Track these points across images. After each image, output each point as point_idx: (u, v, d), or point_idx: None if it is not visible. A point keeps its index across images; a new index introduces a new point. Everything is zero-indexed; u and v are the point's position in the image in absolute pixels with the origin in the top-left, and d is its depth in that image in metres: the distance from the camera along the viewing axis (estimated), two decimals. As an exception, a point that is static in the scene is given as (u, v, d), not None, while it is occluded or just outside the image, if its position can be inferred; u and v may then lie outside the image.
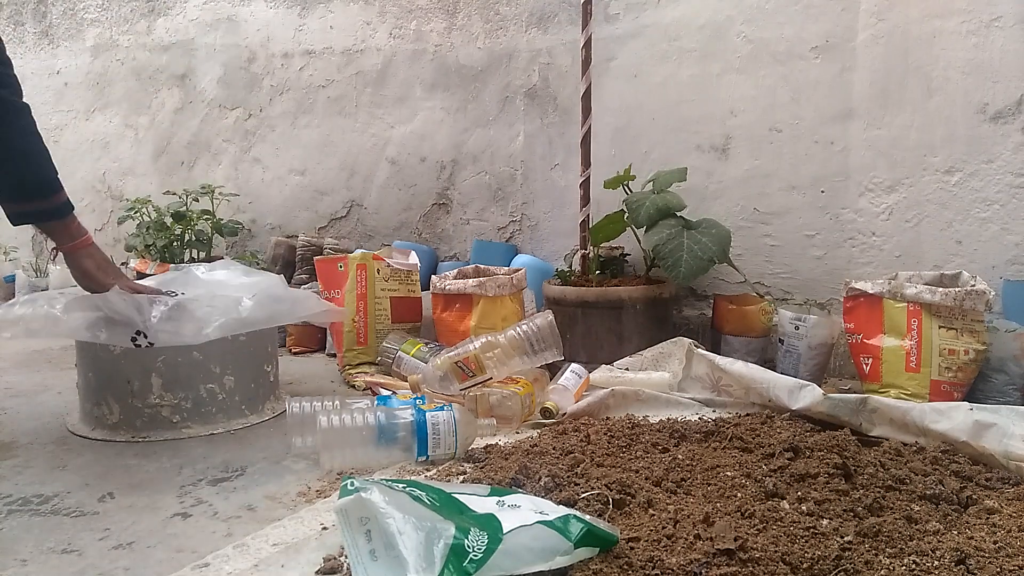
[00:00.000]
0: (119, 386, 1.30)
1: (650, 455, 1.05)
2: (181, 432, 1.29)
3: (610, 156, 1.96)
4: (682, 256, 1.53)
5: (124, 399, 1.30)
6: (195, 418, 1.31)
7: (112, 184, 2.98)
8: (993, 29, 1.51)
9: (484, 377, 1.31)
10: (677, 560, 0.72)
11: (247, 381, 1.38)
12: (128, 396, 1.30)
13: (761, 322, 1.63)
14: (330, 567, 0.77)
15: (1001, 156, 1.52)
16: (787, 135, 1.75)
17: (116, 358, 1.29)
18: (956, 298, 1.29)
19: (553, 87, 2.07)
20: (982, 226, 1.55)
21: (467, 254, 2.22)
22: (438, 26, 2.25)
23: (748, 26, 1.77)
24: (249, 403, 1.38)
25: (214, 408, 1.33)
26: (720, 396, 1.36)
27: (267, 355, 1.45)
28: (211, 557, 0.82)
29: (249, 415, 1.38)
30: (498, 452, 1.10)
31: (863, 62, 1.65)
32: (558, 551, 0.70)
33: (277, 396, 1.47)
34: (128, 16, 2.87)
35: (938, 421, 1.08)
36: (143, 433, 1.29)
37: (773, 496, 0.89)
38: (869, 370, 1.39)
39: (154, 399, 1.29)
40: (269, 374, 1.45)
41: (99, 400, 1.32)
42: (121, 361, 1.29)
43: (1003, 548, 0.74)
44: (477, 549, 0.66)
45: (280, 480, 1.07)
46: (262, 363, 1.42)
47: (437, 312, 1.72)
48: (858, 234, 1.68)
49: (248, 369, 1.38)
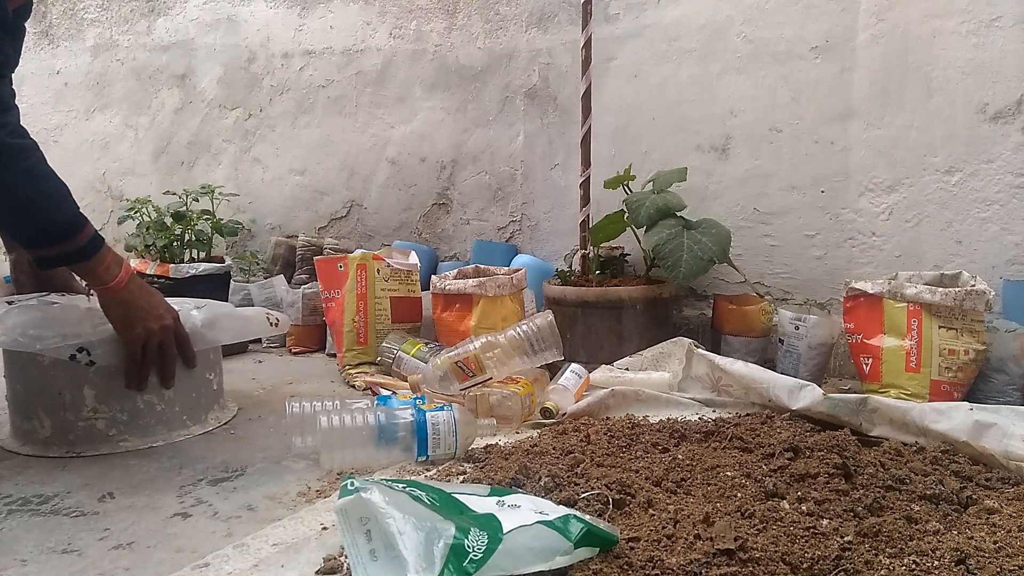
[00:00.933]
0: (50, 399, 1.22)
1: (650, 455, 1.05)
2: (118, 446, 1.22)
3: (610, 156, 1.96)
4: (682, 256, 1.53)
5: (56, 412, 1.22)
6: (133, 431, 1.24)
7: (112, 184, 2.98)
8: (993, 29, 1.51)
9: (484, 377, 1.31)
10: (677, 560, 0.72)
11: (188, 391, 1.31)
12: (60, 409, 1.21)
13: (761, 322, 1.63)
14: (330, 567, 0.77)
15: (1001, 156, 1.52)
16: (787, 135, 1.75)
17: (45, 369, 1.21)
18: (956, 298, 1.29)
19: (553, 87, 2.07)
20: (982, 226, 1.55)
21: (467, 254, 2.22)
22: (438, 26, 2.25)
23: (748, 26, 1.77)
24: (191, 413, 1.31)
25: (152, 420, 1.26)
26: (720, 396, 1.36)
27: (209, 363, 1.37)
28: (211, 557, 0.82)
29: (191, 426, 1.31)
30: (498, 452, 1.10)
31: (863, 62, 1.65)
32: (558, 551, 0.70)
33: (222, 405, 1.41)
34: (128, 16, 2.87)
35: (938, 421, 1.08)
36: (77, 448, 1.21)
37: (773, 496, 0.89)
38: (869, 370, 1.39)
39: (88, 412, 1.22)
40: (212, 383, 1.38)
41: (29, 414, 1.24)
42: (51, 372, 1.21)
43: (1003, 548, 0.74)
44: (477, 549, 0.66)
45: (280, 480, 1.07)
46: (204, 372, 1.35)
47: (437, 312, 1.72)
48: (858, 234, 1.68)
49: (188, 379, 1.31)
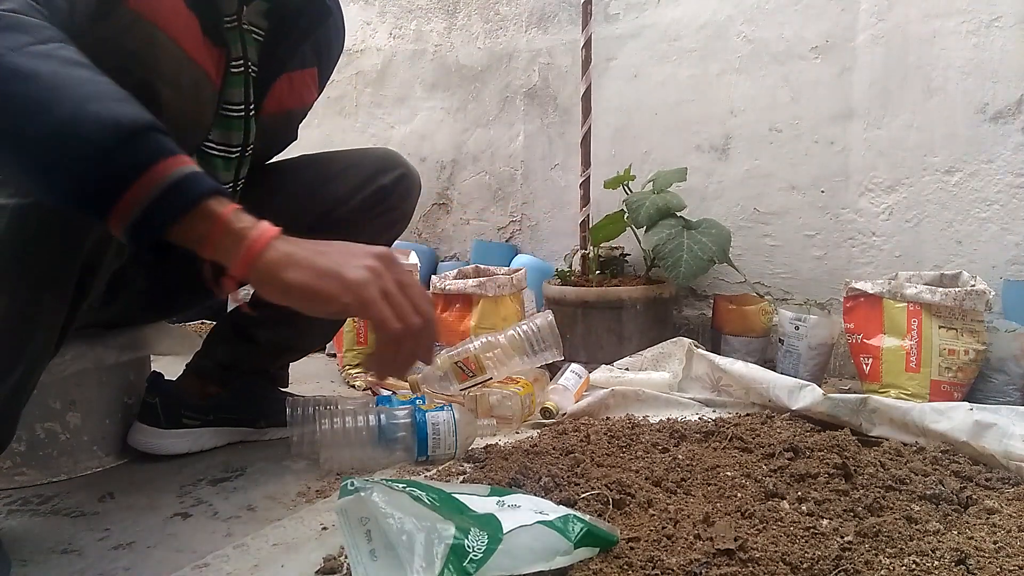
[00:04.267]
0: None
1: (650, 455, 1.05)
2: (14, 480, 1.08)
3: (610, 156, 1.96)
4: (682, 256, 1.53)
5: None
6: (31, 463, 1.08)
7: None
8: (993, 29, 1.51)
9: (484, 377, 1.31)
10: (677, 560, 0.71)
11: (100, 418, 1.15)
12: None
13: (761, 322, 1.63)
14: (330, 567, 0.77)
15: (1001, 156, 1.52)
16: (787, 135, 1.75)
17: None
18: (956, 298, 1.29)
19: (553, 87, 2.07)
20: (982, 226, 1.55)
21: (467, 254, 2.22)
22: (438, 26, 2.25)
23: (748, 26, 1.77)
24: (103, 443, 1.15)
25: (55, 451, 1.10)
26: (720, 396, 1.36)
27: (128, 385, 1.20)
28: (211, 557, 0.82)
29: (104, 456, 1.15)
30: (498, 452, 1.10)
31: (863, 62, 1.65)
32: (558, 551, 0.70)
33: None
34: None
35: (938, 421, 1.08)
36: None
37: (773, 496, 0.89)
38: (869, 370, 1.39)
39: None
40: (133, 406, 1.20)
41: None
42: None
43: (1003, 548, 0.74)
44: (477, 549, 0.66)
45: (280, 480, 1.07)
46: (122, 395, 1.18)
47: (437, 312, 1.72)
48: (858, 234, 1.68)
49: (100, 403, 1.15)
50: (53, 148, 0.57)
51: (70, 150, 0.57)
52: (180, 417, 1.16)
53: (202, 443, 1.18)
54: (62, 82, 0.57)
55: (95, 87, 0.58)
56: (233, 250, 0.62)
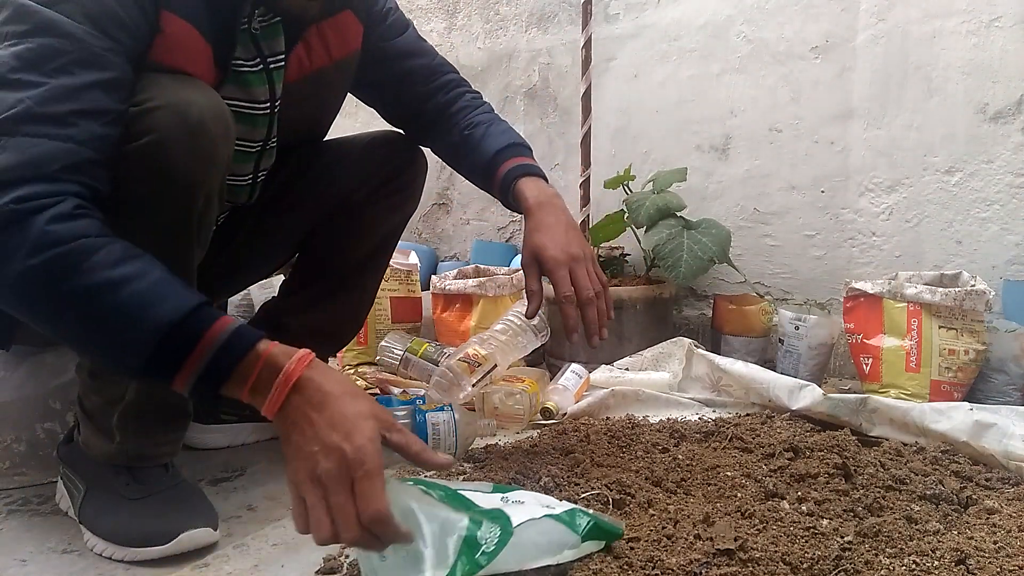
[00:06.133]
0: None
1: (650, 455, 1.05)
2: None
3: (610, 156, 1.96)
4: (682, 256, 1.53)
5: None
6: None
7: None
8: (993, 29, 1.51)
9: (491, 364, 1.29)
10: (677, 560, 0.71)
11: None
12: None
13: (761, 322, 1.63)
14: (330, 567, 0.77)
15: (1001, 156, 1.52)
16: (787, 135, 1.75)
17: None
18: (956, 298, 1.29)
19: (553, 87, 2.07)
20: (982, 226, 1.55)
21: (467, 254, 2.22)
22: (438, 26, 2.24)
23: (748, 26, 1.77)
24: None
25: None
26: (720, 396, 1.36)
27: (48, 410, 1.06)
28: (211, 557, 0.82)
29: None
30: (498, 452, 1.10)
31: (863, 62, 1.65)
32: (566, 544, 0.70)
33: None
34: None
35: (938, 421, 1.08)
36: None
37: (773, 496, 0.89)
38: (869, 370, 1.39)
39: None
40: (45, 442, 1.05)
41: None
42: None
43: (1003, 548, 0.74)
44: (490, 541, 0.66)
45: (280, 480, 1.07)
46: (32, 421, 1.06)
47: (437, 312, 1.72)
48: (858, 234, 1.68)
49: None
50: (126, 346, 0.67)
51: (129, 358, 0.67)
52: (219, 413, 1.19)
53: (242, 438, 1.21)
54: (114, 305, 0.66)
55: (146, 292, 0.66)
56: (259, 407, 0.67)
